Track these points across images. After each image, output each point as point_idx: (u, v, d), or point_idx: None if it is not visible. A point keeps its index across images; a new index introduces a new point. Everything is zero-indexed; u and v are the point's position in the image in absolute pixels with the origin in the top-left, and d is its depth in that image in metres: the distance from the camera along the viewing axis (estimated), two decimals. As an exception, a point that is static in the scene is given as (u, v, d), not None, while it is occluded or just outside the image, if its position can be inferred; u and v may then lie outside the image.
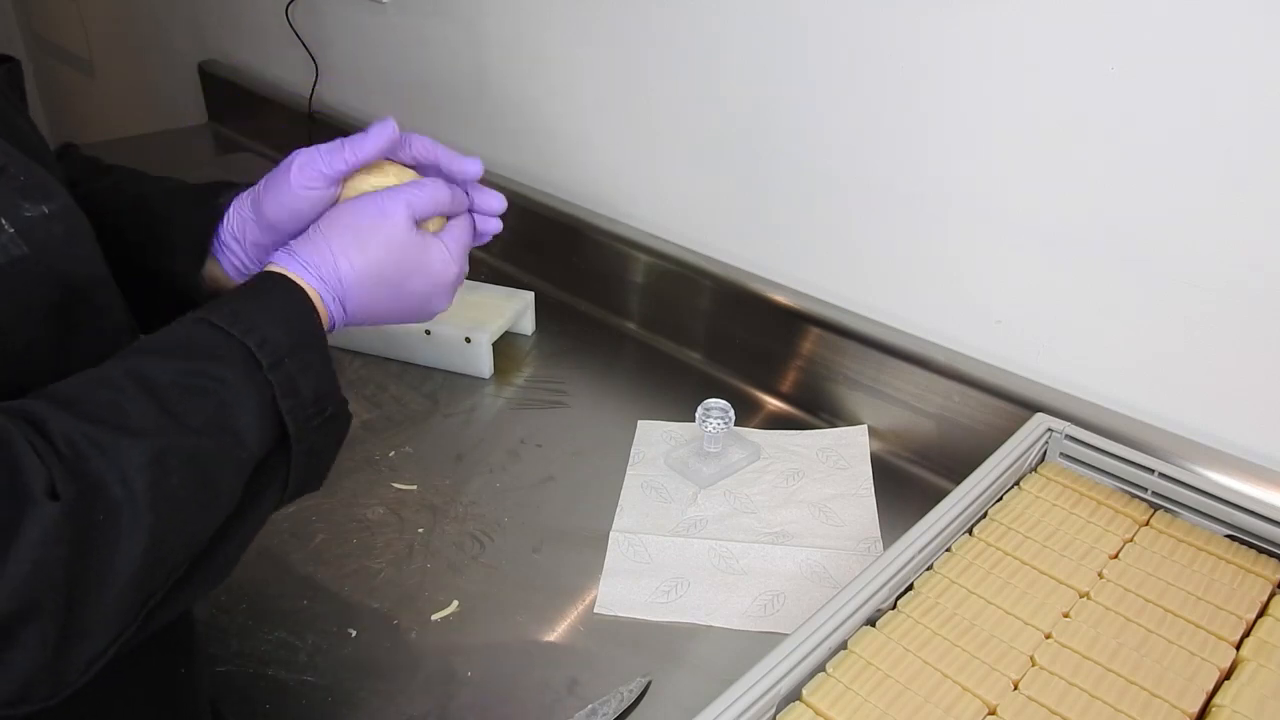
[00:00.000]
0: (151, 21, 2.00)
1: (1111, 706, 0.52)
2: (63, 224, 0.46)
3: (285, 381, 0.48)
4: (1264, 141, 0.64)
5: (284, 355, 0.48)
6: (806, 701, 0.52)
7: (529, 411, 0.96)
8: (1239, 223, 0.67)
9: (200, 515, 0.44)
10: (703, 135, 1.01)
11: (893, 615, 0.58)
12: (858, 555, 0.76)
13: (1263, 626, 0.57)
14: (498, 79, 1.22)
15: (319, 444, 0.51)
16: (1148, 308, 0.74)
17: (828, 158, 0.90)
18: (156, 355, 0.45)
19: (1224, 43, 0.64)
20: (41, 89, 2.93)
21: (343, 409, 0.53)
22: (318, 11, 1.47)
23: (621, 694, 0.64)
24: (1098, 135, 0.72)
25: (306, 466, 0.51)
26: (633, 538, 0.78)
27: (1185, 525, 0.66)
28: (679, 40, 0.98)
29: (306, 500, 0.82)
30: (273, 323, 0.49)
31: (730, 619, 0.71)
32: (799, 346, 0.96)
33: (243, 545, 0.49)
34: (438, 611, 0.71)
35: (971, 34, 0.76)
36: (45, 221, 0.45)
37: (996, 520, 0.66)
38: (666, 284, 1.07)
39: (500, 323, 1.03)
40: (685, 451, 0.88)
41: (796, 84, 0.90)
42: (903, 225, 0.87)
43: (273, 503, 0.50)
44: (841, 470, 0.87)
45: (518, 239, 1.24)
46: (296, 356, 0.49)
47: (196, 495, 0.43)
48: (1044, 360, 0.82)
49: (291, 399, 0.48)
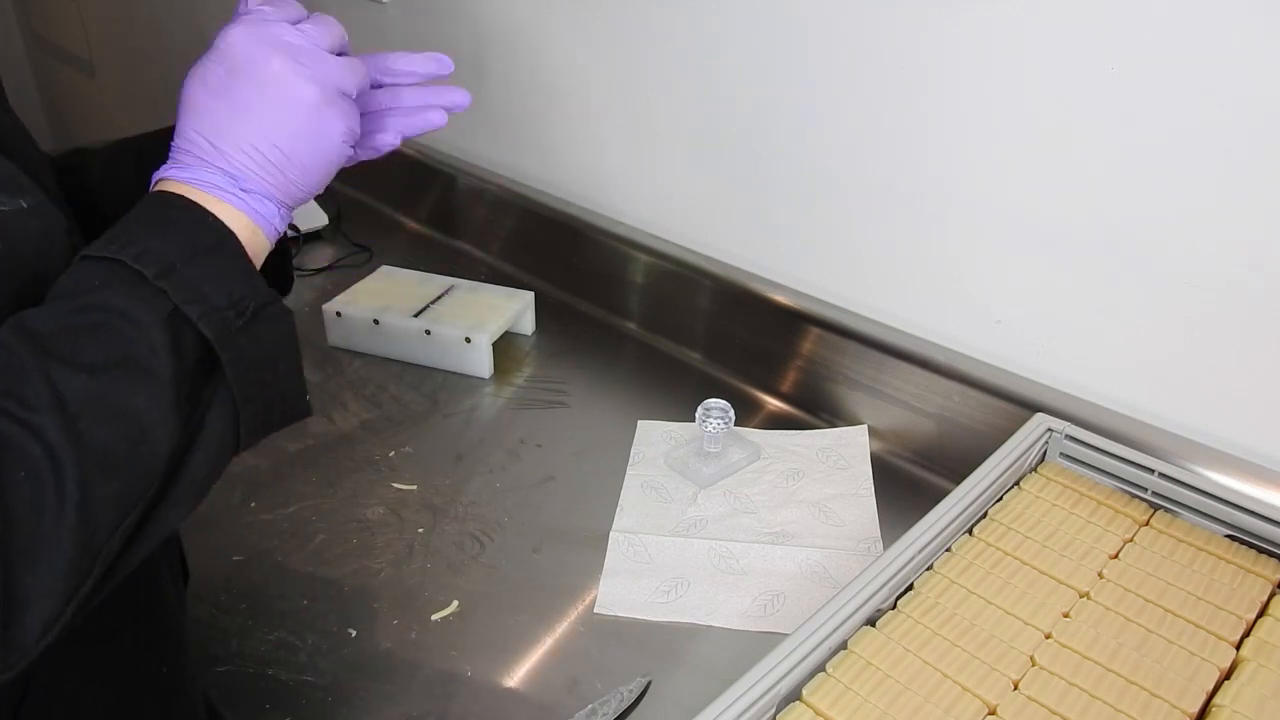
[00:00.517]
0: (151, 21, 2.00)
1: (1111, 706, 0.52)
2: (40, 220, 0.45)
3: (184, 288, 0.43)
4: (1264, 141, 0.64)
5: (174, 261, 0.44)
6: (806, 701, 0.52)
7: (529, 411, 0.96)
8: (1239, 223, 0.67)
9: (130, 452, 0.41)
10: (703, 135, 1.01)
11: (893, 615, 0.58)
12: (858, 555, 0.76)
13: (1263, 626, 0.57)
14: (498, 78, 1.22)
15: (254, 349, 0.46)
16: (1148, 308, 0.74)
17: (828, 158, 0.90)
18: (43, 306, 0.42)
19: (1224, 43, 0.64)
20: (41, 89, 2.93)
21: (272, 307, 0.47)
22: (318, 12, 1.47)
23: (621, 694, 0.64)
24: (1098, 135, 0.72)
25: (254, 378, 0.46)
26: (633, 538, 0.78)
27: (1185, 525, 0.66)
28: (679, 41, 0.98)
29: (306, 500, 0.82)
30: (152, 233, 0.45)
31: (730, 619, 0.71)
32: (799, 346, 0.96)
33: (209, 474, 0.46)
34: (438, 611, 0.71)
35: (971, 34, 0.76)
36: (21, 216, 0.44)
37: (996, 520, 0.66)
38: (666, 284, 1.07)
39: (500, 323, 1.03)
40: (685, 451, 0.88)
41: (796, 84, 0.90)
42: (903, 225, 0.87)
43: (227, 422, 0.46)
44: (841, 470, 0.87)
45: (518, 239, 1.24)
46: (194, 262, 0.44)
47: (117, 432, 0.40)
48: (1044, 360, 0.82)
49: (198, 305, 0.43)
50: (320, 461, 0.88)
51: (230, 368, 0.45)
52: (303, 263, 1.25)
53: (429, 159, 1.33)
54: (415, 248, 1.32)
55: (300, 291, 1.19)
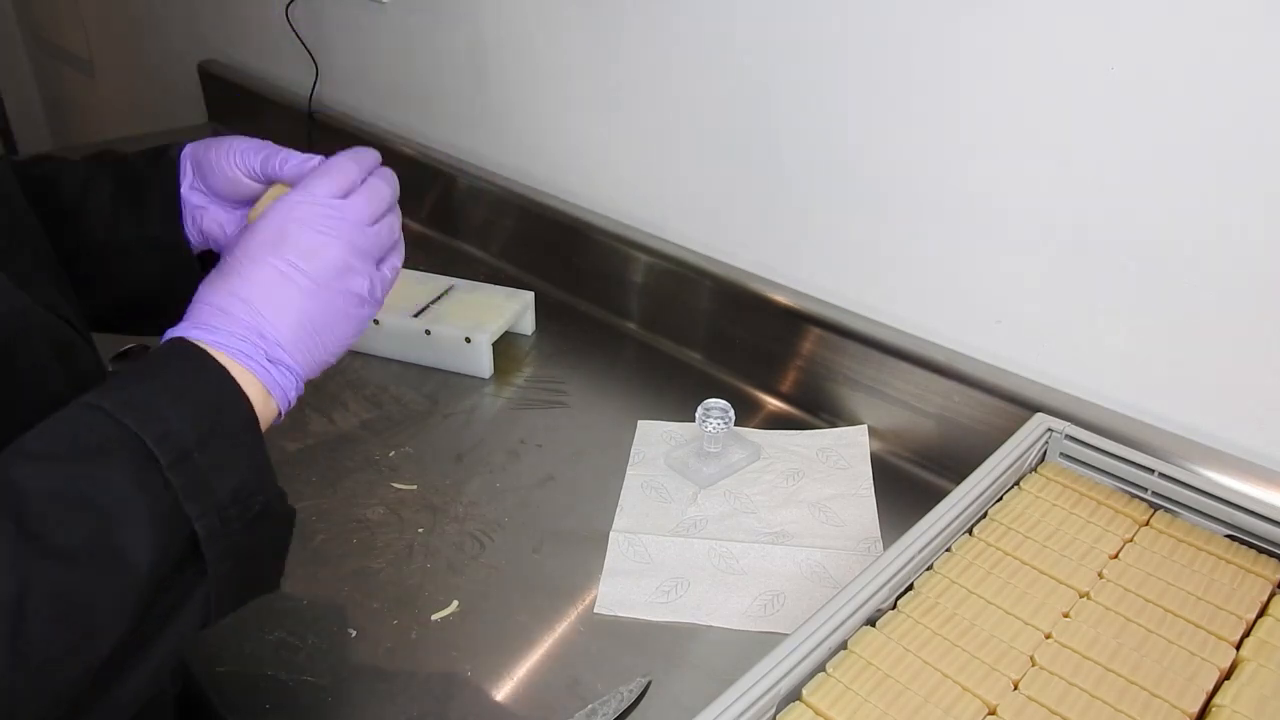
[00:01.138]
0: (151, 21, 2.00)
1: (1111, 706, 0.52)
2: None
3: (192, 482, 0.41)
4: (1264, 141, 0.64)
5: (190, 448, 0.41)
6: (806, 701, 0.52)
7: (529, 411, 0.96)
8: (1239, 223, 0.67)
9: (69, 660, 0.37)
10: (703, 136, 1.01)
11: (893, 615, 0.58)
12: (858, 555, 0.76)
13: (1263, 626, 0.57)
14: (498, 79, 1.22)
15: (249, 547, 0.44)
16: (1148, 308, 0.74)
17: (828, 158, 0.90)
18: (33, 457, 0.39)
19: (1224, 43, 0.64)
20: (41, 89, 2.93)
21: (278, 503, 0.45)
22: (318, 11, 1.47)
23: (621, 694, 0.64)
24: (1098, 135, 0.72)
25: (236, 576, 0.44)
26: (633, 538, 0.78)
27: (1185, 525, 0.66)
28: (679, 41, 0.98)
29: (306, 500, 0.82)
30: (175, 406, 0.42)
31: (730, 619, 0.71)
32: (799, 346, 0.96)
33: (154, 678, 0.42)
34: (438, 611, 0.71)
35: (971, 34, 0.76)
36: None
37: (996, 520, 0.66)
38: (666, 284, 1.07)
39: (500, 323, 1.03)
40: (685, 451, 0.88)
41: (796, 84, 0.90)
42: (902, 225, 0.87)
43: (193, 625, 0.44)
44: (841, 470, 0.87)
45: (518, 239, 1.24)
46: (210, 449, 0.42)
47: (64, 638, 0.36)
48: (1044, 360, 0.82)
49: (200, 501, 0.41)
50: (320, 461, 0.88)
51: (216, 569, 0.43)
52: (303, 263, 1.25)
53: (429, 159, 1.33)
54: (415, 248, 1.31)
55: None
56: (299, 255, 0.49)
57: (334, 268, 0.50)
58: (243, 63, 1.74)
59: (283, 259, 0.48)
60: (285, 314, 0.48)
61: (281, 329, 0.48)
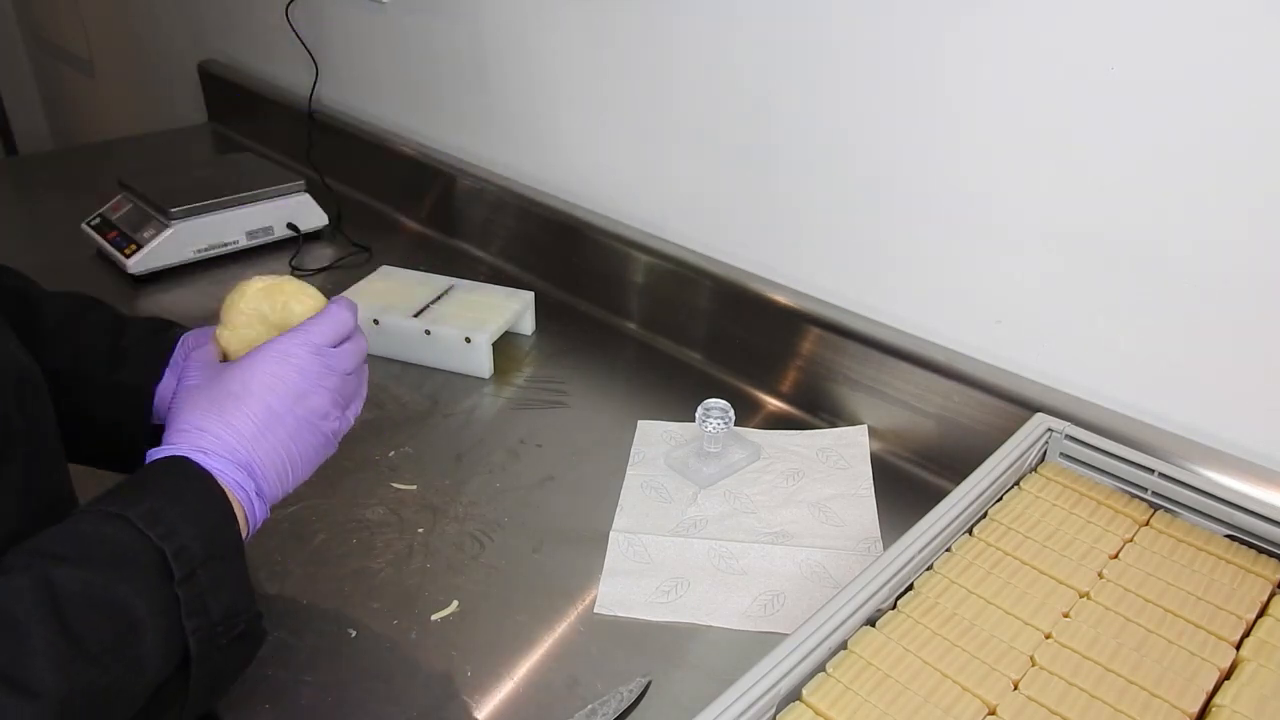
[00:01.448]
0: (151, 21, 2.00)
1: (1111, 706, 0.52)
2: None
3: (194, 598, 0.44)
4: (1264, 141, 0.64)
5: (196, 566, 0.44)
6: (806, 701, 0.52)
7: (529, 411, 0.96)
8: (1239, 223, 0.67)
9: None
10: (703, 135, 1.01)
11: (893, 615, 0.58)
12: (858, 555, 0.76)
13: (1263, 626, 0.57)
14: (498, 78, 1.22)
15: (224, 663, 0.47)
16: (1148, 308, 0.74)
17: (828, 158, 0.90)
18: (68, 561, 0.41)
19: (1224, 43, 0.64)
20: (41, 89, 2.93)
21: (255, 625, 0.49)
22: (318, 11, 1.47)
23: (621, 694, 0.64)
24: (1098, 135, 0.72)
25: (206, 688, 0.47)
26: (633, 538, 0.78)
27: (1185, 525, 0.66)
28: (680, 41, 0.98)
29: (307, 500, 0.82)
30: (190, 523, 0.45)
31: (730, 619, 0.71)
32: (799, 346, 0.96)
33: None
34: (438, 611, 0.71)
35: (971, 34, 0.76)
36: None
37: (996, 520, 0.66)
38: (666, 284, 1.07)
39: (500, 323, 1.03)
40: (685, 451, 0.88)
41: (796, 85, 0.90)
42: (902, 225, 0.87)
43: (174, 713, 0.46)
44: (841, 470, 0.87)
45: (518, 239, 1.24)
46: (210, 569, 0.45)
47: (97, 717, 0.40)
48: (1044, 360, 0.82)
49: (198, 618, 0.44)
50: (320, 461, 0.88)
51: (198, 682, 0.46)
52: (303, 262, 1.25)
53: (429, 159, 1.33)
54: (415, 248, 1.32)
55: (300, 291, 1.19)
56: (294, 400, 0.54)
57: (317, 413, 0.55)
58: (243, 63, 1.74)
59: (279, 399, 0.53)
60: (273, 455, 0.53)
61: (268, 468, 0.53)
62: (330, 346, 0.57)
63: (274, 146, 1.62)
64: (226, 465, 0.50)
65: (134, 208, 1.25)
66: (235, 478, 0.50)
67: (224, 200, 1.24)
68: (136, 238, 1.19)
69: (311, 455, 0.56)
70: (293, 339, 0.55)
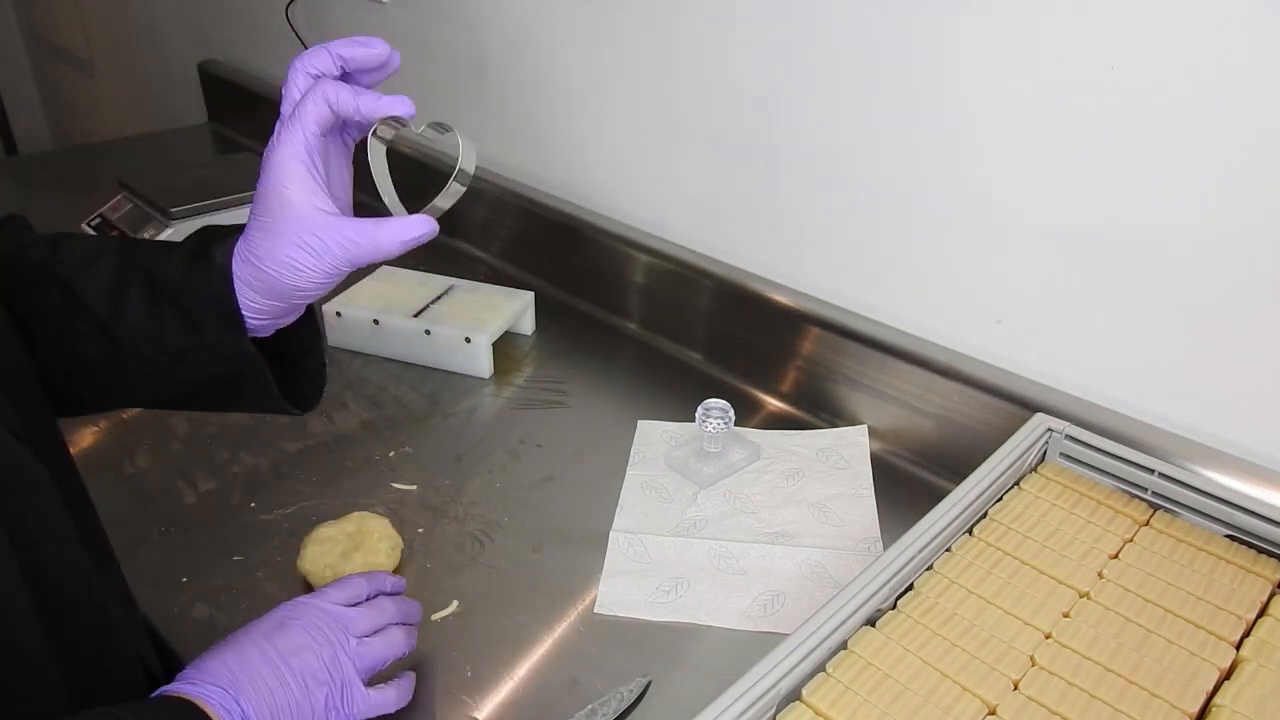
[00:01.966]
0: (151, 21, 2.00)
1: (1111, 706, 0.52)
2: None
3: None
4: (1264, 141, 0.64)
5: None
6: (806, 701, 0.52)
7: (529, 411, 0.96)
8: (1239, 222, 0.67)
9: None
10: (703, 135, 1.01)
11: (893, 615, 0.58)
12: (858, 555, 0.76)
13: (1263, 626, 0.57)
14: (497, 78, 1.22)
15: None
16: (1148, 308, 0.74)
17: (828, 158, 0.90)
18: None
19: (1224, 42, 0.64)
20: (41, 89, 2.93)
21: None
22: (318, 11, 1.47)
23: (621, 694, 0.64)
24: (1098, 135, 0.72)
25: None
26: (633, 538, 0.78)
27: (1185, 525, 0.66)
28: (680, 40, 0.98)
29: (306, 500, 0.82)
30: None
31: (730, 619, 0.71)
32: (799, 346, 0.96)
33: None
34: (438, 611, 0.71)
35: (971, 34, 0.76)
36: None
37: (996, 520, 0.66)
38: (666, 284, 1.07)
39: (500, 323, 1.03)
40: (685, 451, 0.88)
41: (797, 85, 0.90)
42: (903, 225, 0.87)
43: None
44: (841, 470, 0.87)
45: (518, 239, 1.24)
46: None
47: None
48: (1044, 360, 0.82)
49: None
50: (320, 461, 0.88)
51: None
52: (303, 263, 1.25)
53: (429, 159, 1.33)
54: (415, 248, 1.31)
55: (300, 291, 1.19)
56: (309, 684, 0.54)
57: (310, 672, 0.55)
58: (243, 63, 1.74)
59: (275, 650, 0.54)
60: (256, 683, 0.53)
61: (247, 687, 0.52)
62: (340, 606, 0.59)
63: (274, 146, 1.62)
64: (220, 700, 0.51)
65: (134, 208, 1.25)
66: (226, 710, 0.51)
67: (224, 200, 1.24)
68: (136, 238, 1.19)
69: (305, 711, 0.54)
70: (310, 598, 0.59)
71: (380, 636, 0.59)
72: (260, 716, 0.51)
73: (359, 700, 0.56)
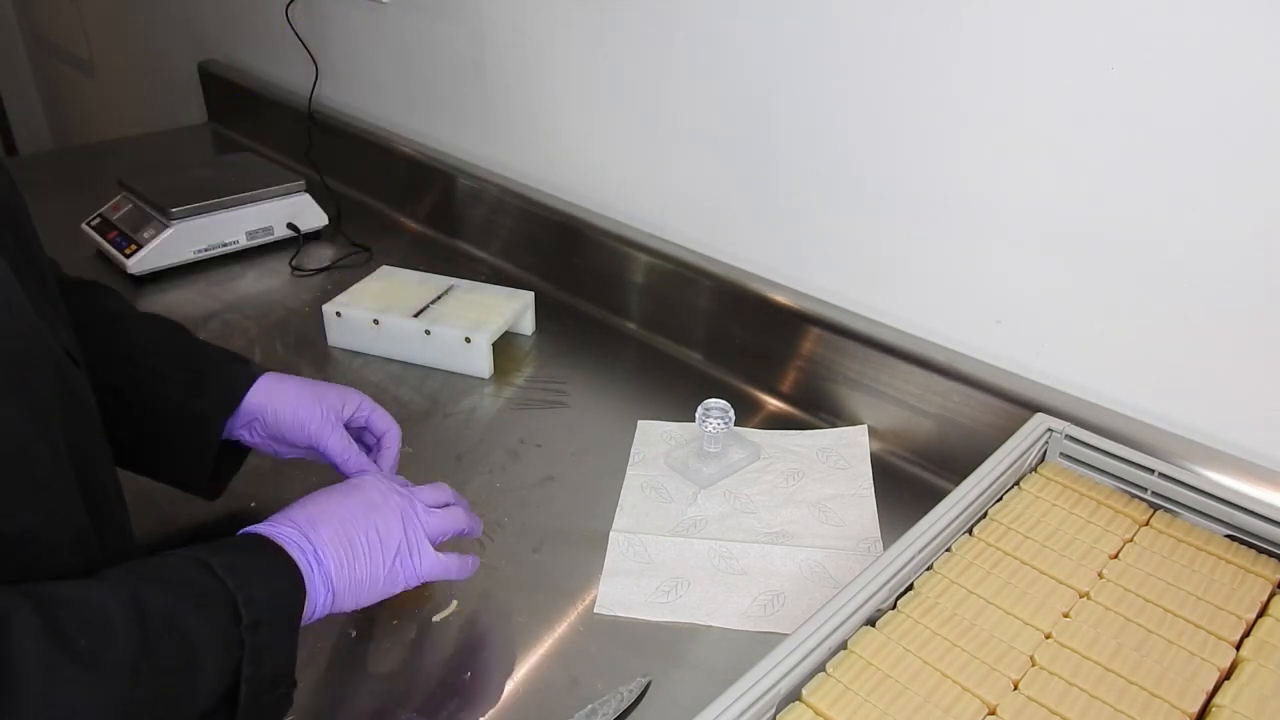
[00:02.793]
0: (151, 22, 2.00)
1: (1111, 706, 0.52)
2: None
3: (254, 648, 0.49)
4: (1264, 141, 0.64)
5: (261, 619, 0.49)
6: (806, 701, 0.52)
7: (529, 411, 0.96)
8: (1239, 222, 0.67)
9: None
10: (703, 135, 1.01)
11: (893, 615, 0.58)
12: (858, 555, 0.76)
13: (1263, 626, 0.57)
14: (497, 78, 1.22)
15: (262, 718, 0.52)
16: (1148, 308, 0.74)
17: (828, 158, 0.90)
18: (155, 584, 0.47)
19: (1224, 42, 0.64)
20: (41, 89, 2.94)
21: (289, 693, 0.53)
22: (318, 11, 1.47)
23: (621, 694, 0.64)
24: (1098, 135, 0.72)
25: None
26: (633, 538, 0.78)
27: (1185, 525, 0.66)
28: (680, 40, 0.98)
29: (306, 500, 0.82)
30: (263, 582, 0.51)
31: (730, 619, 0.71)
32: (799, 346, 0.96)
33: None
34: (438, 612, 0.71)
35: (971, 34, 0.76)
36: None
37: (996, 520, 0.66)
38: (666, 284, 1.07)
39: (500, 323, 1.03)
40: (685, 451, 0.88)
41: (797, 84, 0.90)
42: (903, 225, 0.87)
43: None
44: (841, 470, 0.87)
45: (518, 239, 1.24)
46: (272, 626, 0.50)
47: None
48: (1044, 360, 0.82)
49: (254, 667, 0.49)
50: (320, 461, 0.88)
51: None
52: (303, 262, 1.25)
53: (429, 159, 1.33)
54: (415, 248, 1.32)
55: (300, 291, 1.19)
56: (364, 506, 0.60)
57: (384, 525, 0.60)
58: (243, 63, 1.74)
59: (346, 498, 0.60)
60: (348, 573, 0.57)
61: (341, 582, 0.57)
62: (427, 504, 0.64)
63: (274, 146, 1.62)
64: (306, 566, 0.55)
65: (134, 208, 1.25)
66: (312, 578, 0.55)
67: (224, 200, 1.24)
68: (136, 238, 1.19)
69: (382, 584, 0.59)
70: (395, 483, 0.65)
71: (447, 510, 0.65)
72: (333, 557, 0.56)
73: (427, 559, 0.61)
